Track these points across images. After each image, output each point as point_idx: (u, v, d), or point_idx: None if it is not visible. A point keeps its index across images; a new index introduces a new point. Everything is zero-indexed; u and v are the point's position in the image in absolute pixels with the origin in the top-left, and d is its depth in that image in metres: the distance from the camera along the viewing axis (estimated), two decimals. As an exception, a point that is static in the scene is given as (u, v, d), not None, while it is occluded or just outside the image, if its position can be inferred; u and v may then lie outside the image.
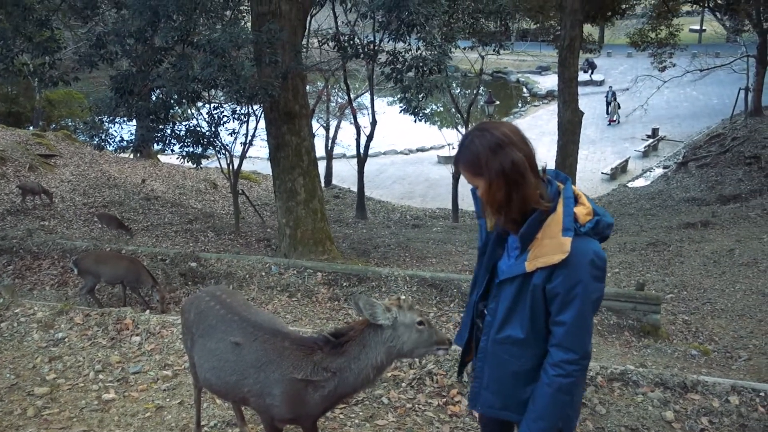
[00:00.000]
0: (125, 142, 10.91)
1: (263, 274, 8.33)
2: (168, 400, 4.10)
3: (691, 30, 39.31)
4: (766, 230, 10.91)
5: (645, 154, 23.55)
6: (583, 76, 26.45)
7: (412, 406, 3.92)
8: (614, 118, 27.32)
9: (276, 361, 2.77)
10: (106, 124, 10.29)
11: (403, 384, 4.15)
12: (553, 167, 2.29)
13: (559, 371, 2.04)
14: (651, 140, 24.50)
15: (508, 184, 1.97)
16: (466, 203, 20.17)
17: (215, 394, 3.33)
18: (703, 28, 38.51)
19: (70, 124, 23.89)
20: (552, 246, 1.98)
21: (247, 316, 2.98)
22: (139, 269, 7.53)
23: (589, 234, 2.01)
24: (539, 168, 2.05)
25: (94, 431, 3.75)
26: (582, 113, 14.45)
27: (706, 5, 19.80)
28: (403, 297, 2.63)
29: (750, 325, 7.25)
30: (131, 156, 20.24)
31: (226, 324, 2.97)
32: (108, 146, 10.64)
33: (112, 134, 10.60)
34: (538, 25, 21.87)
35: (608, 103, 27.62)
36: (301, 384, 2.72)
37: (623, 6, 18.37)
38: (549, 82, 33.45)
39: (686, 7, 25.77)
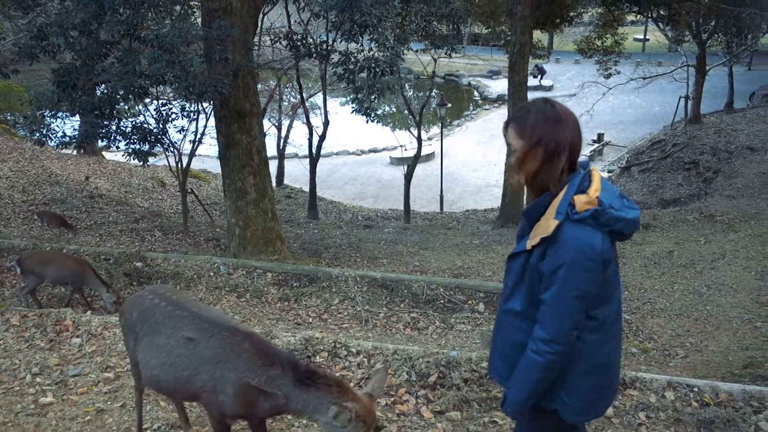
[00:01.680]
0: (68, 138, 10.51)
1: (212, 274, 8.20)
2: (109, 403, 3.99)
3: (635, 39, 40.72)
4: (703, 233, 11.36)
5: (590, 159, 24.22)
6: (532, 81, 26.97)
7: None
8: None
9: (233, 361, 2.74)
10: (48, 118, 9.93)
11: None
12: (502, 168, 2.37)
13: (533, 346, 2.16)
14: (596, 145, 25.23)
15: (543, 157, 2.10)
16: (418, 204, 20.35)
17: (162, 392, 3.26)
18: (647, 37, 39.95)
19: (9, 118, 22.84)
20: (544, 226, 2.10)
21: (198, 312, 2.95)
22: (86, 270, 7.26)
23: (587, 223, 2.07)
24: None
25: (30, 436, 3.62)
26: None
27: (649, 16, 20.49)
28: (377, 416, 2.64)
29: (687, 323, 7.53)
30: (74, 152, 19.57)
31: (175, 320, 2.92)
32: (50, 142, 10.26)
33: (54, 129, 10.21)
34: (490, 29, 22.19)
35: None
36: (254, 390, 2.71)
37: (571, 14, 18.84)
38: (500, 86, 34.04)
39: (631, 17, 26.64)
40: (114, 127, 9.96)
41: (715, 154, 18.16)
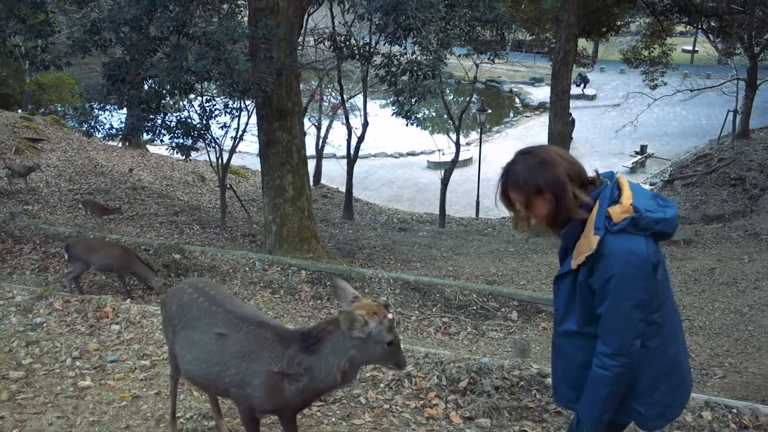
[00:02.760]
0: (114, 130, 10.81)
1: (247, 269, 8.31)
2: (145, 390, 4.08)
3: (684, 50, 39.82)
4: (747, 251, 11.04)
5: (632, 170, 23.77)
6: (575, 90, 26.68)
7: (389, 407, 3.93)
8: None
9: (256, 352, 2.77)
10: (96, 110, 10.21)
11: (381, 385, 4.16)
12: None
13: (597, 362, 2.16)
14: (639, 157, 24.75)
15: (551, 199, 2.13)
16: (454, 209, 20.26)
17: (197, 386, 3.32)
18: (696, 49, 38.98)
19: (59, 109, 23.62)
20: (585, 244, 2.11)
21: (232, 308, 2.98)
22: (131, 257, 7.47)
23: (628, 231, 2.07)
24: (592, 175, 2.22)
25: (68, 418, 3.72)
26: (574, 121, 14.55)
27: (699, 27, 20.01)
28: (390, 313, 2.63)
29: (726, 343, 7.33)
30: (119, 144, 20.10)
31: (210, 316, 2.97)
32: (97, 133, 10.56)
33: (101, 121, 10.51)
34: (534, 36, 22.00)
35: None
36: (278, 376, 2.72)
37: (618, 23, 18.54)
38: (542, 93, 33.66)
39: (680, 28, 26.05)
40: (159, 121, 10.19)
41: (763, 170, 17.62)
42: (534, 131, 28.46)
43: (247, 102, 11.03)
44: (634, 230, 2.07)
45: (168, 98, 10.04)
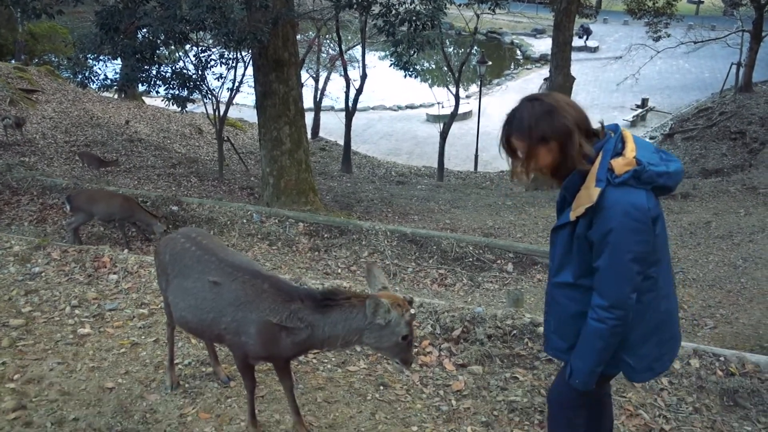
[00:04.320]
0: (109, 81, 10.69)
1: (245, 221, 8.34)
2: (143, 337, 4.15)
3: (689, 1, 38.96)
4: (743, 205, 11.06)
5: (633, 124, 23.57)
6: (577, 42, 26.24)
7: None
8: None
9: (254, 302, 2.81)
10: (91, 61, 10.07)
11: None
12: None
13: (593, 315, 2.17)
14: (640, 110, 24.51)
15: (556, 149, 2.10)
16: (453, 163, 20.20)
17: (191, 333, 3.38)
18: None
19: (53, 59, 23.26)
20: (585, 196, 2.10)
21: (225, 257, 3.02)
22: (133, 206, 7.52)
23: (629, 184, 2.05)
24: (597, 126, 2.19)
25: (68, 364, 3.80)
26: (574, 78, 14.39)
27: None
28: (413, 309, 2.68)
29: (719, 295, 7.41)
30: (115, 96, 19.87)
31: (203, 264, 3.00)
32: (92, 84, 10.45)
33: (96, 72, 10.38)
34: (536, -15, 21.51)
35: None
36: (276, 327, 2.77)
37: (623, -29, 18.12)
38: (543, 45, 33.12)
39: (686, -23, 25.44)
40: (154, 72, 10.07)
41: (764, 124, 17.49)
42: (534, 84, 28.08)
43: (244, 52, 10.86)
44: (635, 183, 2.06)
45: (162, 48, 9.89)
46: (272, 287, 2.84)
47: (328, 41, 22.16)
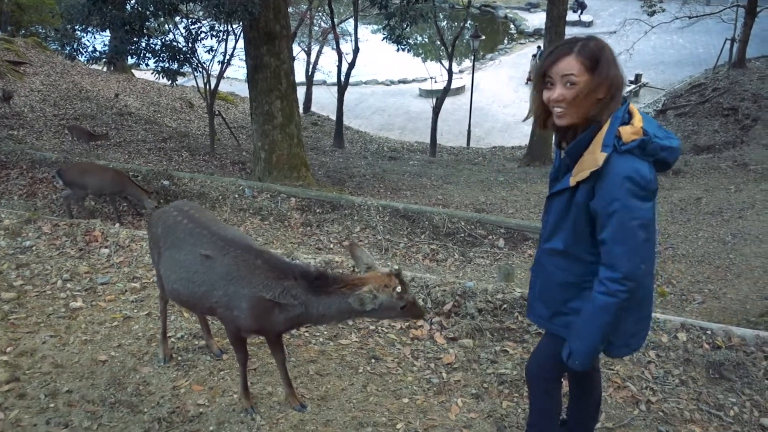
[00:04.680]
0: (98, 53, 10.54)
1: (236, 196, 8.32)
2: (136, 311, 4.16)
3: (685, -25, 38.58)
4: (734, 181, 11.13)
5: (625, 100, 23.47)
6: (572, 16, 25.98)
7: (375, 328, 4.03)
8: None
9: (247, 277, 2.82)
10: (79, 32, 9.91)
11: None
12: None
13: (602, 288, 2.11)
14: (633, 86, 24.41)
15: (610, 91, 2.08)
16: (445, 138, 20.14)
17: (182, 305, 3.39)
18: (698, -27, 37.82)
19: (40, 31, 22.86)
20: (590, 160, 2.07)
21: (217, 231, 3.01)
22: (124, 180, 7.49)
23: (633, 153, 2.04)
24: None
25: (61, 337, 3.81)
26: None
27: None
28: (401, 282, 2.67)
29: (707, 270, 7.50)
30: (104, 68, 19.61)
31: (195, 237, 3.00)
32: (80, 56, 10.30)
33: (84, 44, 10.23)
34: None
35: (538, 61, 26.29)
36: (268, 303, 2.79)
37: (619, -56, 17.90)
38: (537, 19, 32.80)
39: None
40: (144, 44, 9.94)
41: (757, 101, 17.48)
42: (528, 59, 27.91)
43: (234, 25, 10.71)
44: (640, 153, 2.05)
45: (152, 20, 9.75)
46: (265, 263, 2.85)
47: (320, 14, 21.87)
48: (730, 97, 18.24)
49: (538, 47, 26.59)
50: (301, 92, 14.18)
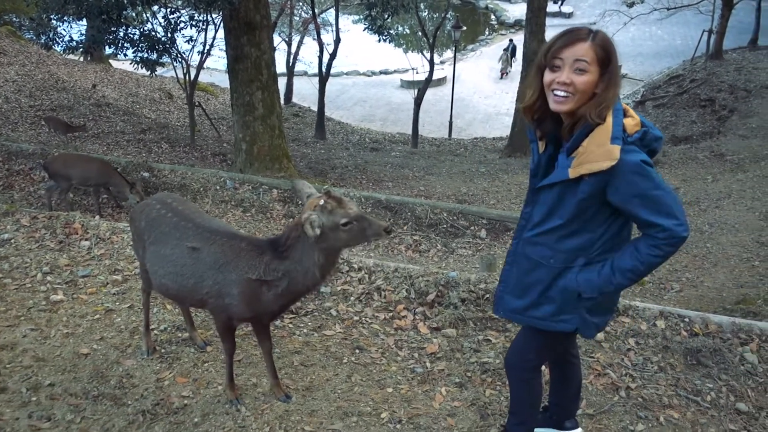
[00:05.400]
0: (75, 43, 10.36)
1: (218, 188, 8.28)
2: (118, 303, 4.13)
3: (663, -33, 38.89)
4: (711, 171, 11.30)
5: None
6: (552, 7, 26.08)
7: (359, 319, 4.06)
8: (507, 71, 26.00)
9: (233, 262, 2.83)
10: (55, 21, 9.74)
11: (352, 298, 4.28)
12: (514, 97, 2.32)
13: (655, 242, 2.07)
14: (612, 77, 24.61)
15: (615, 84, 2.08)
16: (427, 129, 20.17)
17: (171, 299, 3.38)
18: (676, -35, 38.14)
19: (14, 20, 22.38)
20: (600, 153, 2.03)
21: (201, 222, 3.01)
22: (109, 171, 7.43)
23: (636, 144, 2.07)
24: None
25: (42, 330, 3.77)
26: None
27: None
28: (327, 198, 2.64)
29: (685, 259, 7.62)
30: (81, 58, 19.30)
31: (181, 230, 2.98)
32: (56, 46, 10.13)
33: (60, 33, 10.05)
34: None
35: (509, 54, 25.86)
36: (256, 283, 2.80)
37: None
38: (518, 10, 32.89)
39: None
40: (121, 34, 9.80)
41: (733, 92, 17.74)
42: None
43: (214, 14, 10.60)
44: (639, 144, 2.08)
45: (129, 9, 9.59)
46: (248, 245, 2.87)
47: (300, 4, 21.71)
48: (708, 88, 18.47)
49: (510, 40, 26.66)
50: (282, 83, 14.10)
